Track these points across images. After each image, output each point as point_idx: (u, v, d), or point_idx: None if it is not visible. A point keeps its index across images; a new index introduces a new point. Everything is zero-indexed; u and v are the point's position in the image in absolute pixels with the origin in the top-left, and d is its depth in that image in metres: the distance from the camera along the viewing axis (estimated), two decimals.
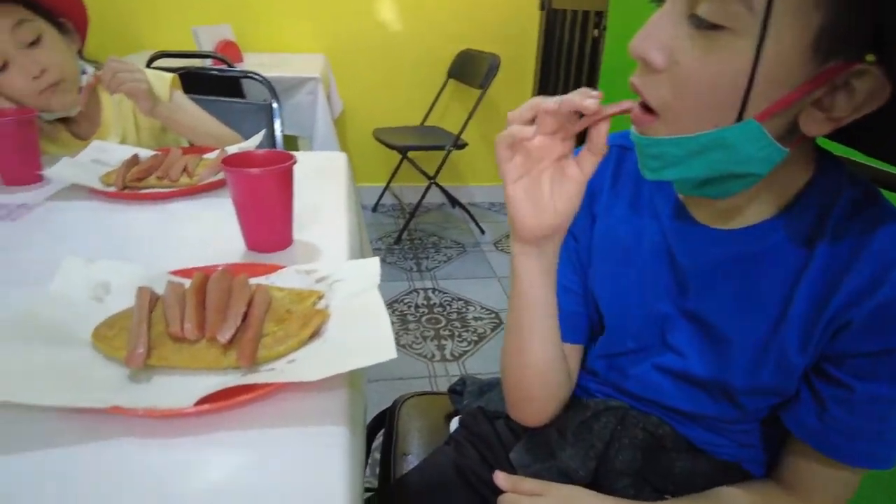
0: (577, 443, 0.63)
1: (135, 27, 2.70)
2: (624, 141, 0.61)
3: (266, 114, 1.53)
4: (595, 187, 0.63)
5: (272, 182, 0.70)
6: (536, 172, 0.51)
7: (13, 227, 0.81)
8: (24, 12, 0.99)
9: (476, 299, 2.23)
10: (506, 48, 2.70)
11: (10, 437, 0.43)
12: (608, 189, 0.63)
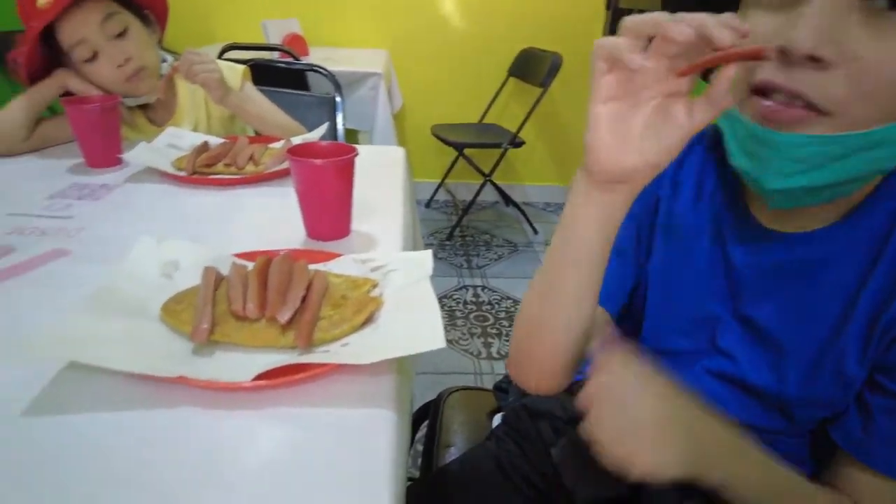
0: None
1: (209, 20, 2.82)
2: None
3: (329, 107, 1.57)
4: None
5: (334, 173, 0.72)
6: (633, 101, 0.43)
7: (95, 205, 0.86)
8: (114, 6, 1.05)
9: None
10: (568, 47, 2.67)
11: (84, 397, 0.47)
12: (670, 177, 0.61)
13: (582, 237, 0.49)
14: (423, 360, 1.79)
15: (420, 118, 2.99)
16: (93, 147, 1.00)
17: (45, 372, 0.49)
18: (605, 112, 0.43)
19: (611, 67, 0.42)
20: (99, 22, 1.03)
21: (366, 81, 2.32)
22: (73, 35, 1.02)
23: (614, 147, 0.44)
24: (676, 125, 0.42)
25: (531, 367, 0.60)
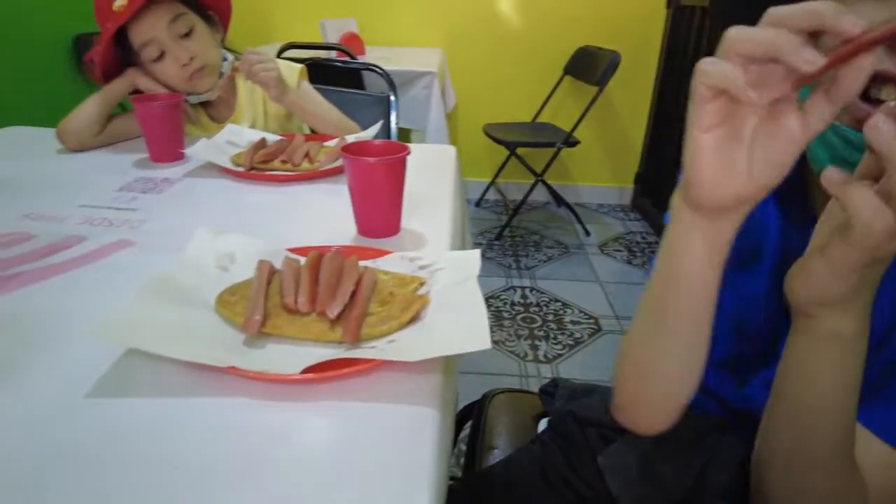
0: (675, 457, 0.60)
1: (269, 20, 2.91)
2: None
3: (384, 106, 1.58)
4: None
5: (386, 171, 0.73)
6: (739, 120, 0.38)
7: (157, 198, 0.90)
8: (181, 7, 1.10)
9: (575, 302, 2.18)
10: (627, 45, 2.61)
11: (142, 382, 0.49)
12: None
13: (691, 268, 0.46)
14: (467, 360, 1.79)
15: (473, 117, 2.99)
16: (157, 142, 1.05)
17: (108, 356, 0.51)
18: (708, 140, 0.39)
19: (716, 94, 0.37)
20: (167, 23, 1.07)
21: (420, 80, 2.33)
22: (143, 35, 1.07)
23: (720, 175, 0.39)
24: (789, 138, 0.36)
25: (642, 411, 0.56)
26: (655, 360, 0.51)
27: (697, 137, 0.39)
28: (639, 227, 2.90)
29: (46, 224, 0.78)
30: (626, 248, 2.67)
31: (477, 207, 3.09)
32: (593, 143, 3.04)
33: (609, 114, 2.96)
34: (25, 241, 0.73)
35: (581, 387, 0.87)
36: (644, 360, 0.53)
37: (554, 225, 2.91)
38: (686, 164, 0.41)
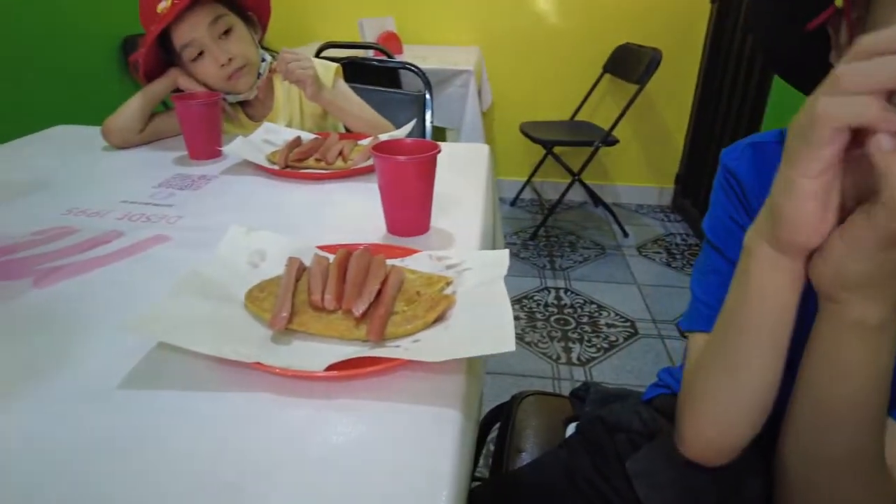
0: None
1: (307, 19, 2.95)
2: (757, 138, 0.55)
3: (419, 104, 1.58)
4: (750, 185, 0.58)
5: (415, 170, 0.72)
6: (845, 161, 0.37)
7: (194, 195, 0.92)
8: (221, 8, 1.12)
9: (611, 305, 2.14)
10: (668, 43, 2.55)
11: (171, 375, 0.50)
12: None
13: (773, 306, 0.46)
14: (499, 361, 1.78)
15: (509, 115, 2.97)
16: (195, 140, 1.07)
17: (141, 348, 0.53)
18: (813, 186, 0.38)
19: (839, 136, 0.35)
20: (207, 24, 1.09)
21: (456, 79, 2.33)
22: (185, 36, 1.09)
23: (818, 218, 0.39)
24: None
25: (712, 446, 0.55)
26: (732, 399, 0.51)
27: (803, 184, 0.38)
28: (679, 228, 2.83)
29: (88, 219, 0.81)
30: (666, 249, 2.61)
31: (512, 207, 3.07)
32: (633, 142, 2.98)
33: (649, 112, 2.90)
34: (68, 235, 0.76)
35: (613, 392, 0.85)
36: (719, 399, 0.52)
37: (591, 225, 2.87)
38: (780, 208, 0.40)
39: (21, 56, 1.99)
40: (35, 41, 2.05)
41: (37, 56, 2.07)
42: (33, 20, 2.05)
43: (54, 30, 2.15)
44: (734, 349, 0.50)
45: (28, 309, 0.60)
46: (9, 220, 0.80)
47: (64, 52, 2.20)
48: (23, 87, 2.00)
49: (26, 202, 0.87)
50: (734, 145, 0.62)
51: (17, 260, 0.69)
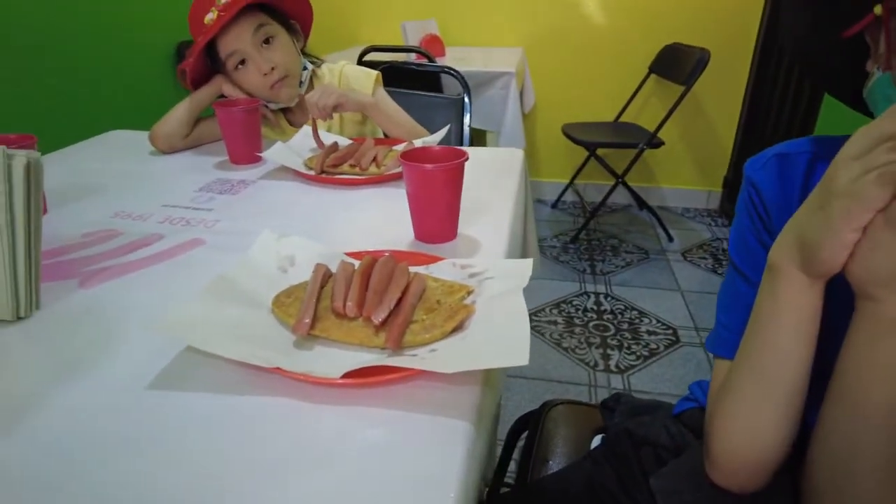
0: None
1: (351, 23, 2.99)
2: (815, 148, 0.53)
3: (457, 107, 1.59)
4: (774, 200, 0.56)
5: (442, 177, 0.73)
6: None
7: (233, 199, 0.95)
8: (264, 17, 1.15)
9: (653, 311, 2.10)
10: (718, 43, 2.48)
11: (198, 377, 0.52)
12: (796, 206, 0.55)
13: (806, 324, 0.47)
14: (534, 366, 1.77)
15: (552, 117, 2.94)
16: (235, 145, 1.11)
17: (172, 350, 0.55)
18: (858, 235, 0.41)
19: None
20: (250, 32, 1.13)
21: (497, 81, 2.32)
22: (229, 46, 1.13)
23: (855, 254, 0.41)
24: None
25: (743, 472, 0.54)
26: (764, 415, 0.51)
27: (847, 237, 0.40)
28: (727, 233, 2.74)
29: (132, 222, 0.85)
30: (712, 255, 2.53)
31: (553, 209, 3.03)
32: (679, 144, 2.91)
33: (697, 114, 2.82)
34: (113, 238, 0.80)
35: (644, 403, 0.83)
36: (750, 416, 0.52)
37: (634, 229, 2.81)
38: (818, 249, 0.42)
39: (81, 64, 2.10)
40: (94, 49, 2.16)
41: (96, 63, 2.17)
42: (93, 29, 2.15)
43: (112, 38, 2.26)
44: (764, 368, 0.50)
45: (73, 308, 0.64)
46: (61, 223, 0.85)
47: (121, 59, 2.31)
48: (82, 92, 2.11)
49: (78, 205, 0.92)
50: (760, 155, 0.60)
51: (66, 261, 0.73)
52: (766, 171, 0.59)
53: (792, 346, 0.48)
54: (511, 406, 1.63)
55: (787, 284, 0.47)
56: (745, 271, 0.60)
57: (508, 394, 1.68)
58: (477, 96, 2.32)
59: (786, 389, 0.49)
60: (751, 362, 0.51)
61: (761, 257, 0.50)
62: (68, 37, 2.03)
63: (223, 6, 1.10)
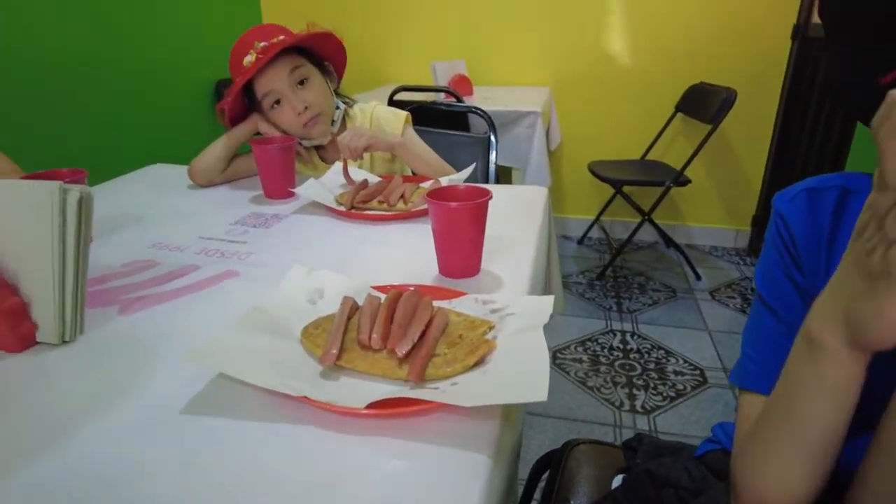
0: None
1: (382, 63, 3.09)
2: (846, 182, 0.53)
3: (484, 145, 1.63)
4: (802, 234, 0.57)
5: (466, 215, 0.75)
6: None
7: (266, 232, 0.99)
8: (300, 60, 1.21)
9: (680, 351, 2.07)
10: (745, 82, 2.49)
11: (230, 403, 0.54)
12: (825, 241, 0.55)
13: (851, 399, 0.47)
14: (558, 404, 1.75)
15: (578, 154, 2.97)
16: (270, 181, 1.15)
17: (205, 376, 0.57)
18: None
19: None
20: (286, 73, 1.19)
21: (524, 119, 2.36)
22: (266, 86, 1.19)
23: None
24: None
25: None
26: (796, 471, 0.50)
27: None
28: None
29: (170, 253, 0.89)
30: (741, 294, 2.49)
31: (579, 245, 3.03)
32: (707, 182, 2.90)
33: (724, 152, 2.81)
34: (150, 268, 0.83)
35: (667, 444, 0.82)
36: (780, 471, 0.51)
37: (661, 266, 2.79)
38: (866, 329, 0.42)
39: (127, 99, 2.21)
40: (139, 86, 2.28)
41: (141, 99, 2.29)
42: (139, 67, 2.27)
43: (156, 76, 2.38)
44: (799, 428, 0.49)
45: (113, 335, 0.67)
46: (103, 253, 0.89)
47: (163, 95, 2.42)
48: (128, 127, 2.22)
49: (120, 236, 0.97)
50: (789, 189, 0.60)
51: (107, 289, 0.77)
52: (795, 205, 0.58)
53: (831, 414, 0.47)
54: (534, 445, 1.61)
55: (833, 358, 0.46)
56: (772, 305, 0.59)
57: (531, 432, 1.66)
58: (503, 134, 2.36)
59: (821, 447, 0.48)
60: (785, 421, 0.51)
61: (789, 291, 0.50)
62: (116, 75, 2.15)
63: (261, 49, 1.16)
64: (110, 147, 2.12)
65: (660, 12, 2.69)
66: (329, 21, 1.35)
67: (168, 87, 2.45)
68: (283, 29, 1.21)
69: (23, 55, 1.77)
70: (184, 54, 2.52)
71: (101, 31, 2.06)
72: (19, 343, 0.63)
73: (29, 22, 1.78)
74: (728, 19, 2.62)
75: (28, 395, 0.57)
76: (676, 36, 2.70)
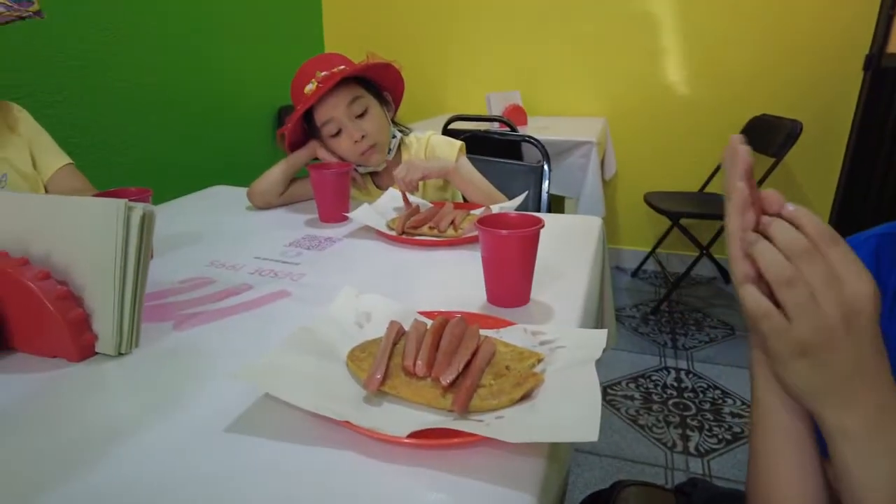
0: None
1: (441, 93, 3.14)
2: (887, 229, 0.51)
3: (536, 175, 1.62)
4: None
5: (517, 244, 0.74)
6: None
7: (319, 255, 1.00)
8: (359, 90, 1.24)
9: (738, 392, 1.96)
10: (811, 114, 2.41)
11: (274, 424, 0.54)
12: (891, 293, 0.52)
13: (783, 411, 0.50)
14: (607, 442, 1.68)
15: (634, 184, 2.91)
16: (325, 205, 1.18)
17: (252, 395, 0.58)
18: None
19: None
20: (346, 104, 1.22)
21: (578, 149, 2.34)
22: (325, 115, 1.23)
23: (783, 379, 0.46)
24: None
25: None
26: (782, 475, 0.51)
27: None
28: None
29: (225, 272, 0.91)
30: None
31: (633, 277, 2.95)
32: None
33: (788, 187, 2.70)
34: (206, 285, 0.86)
35: (722, 492, 0.78)
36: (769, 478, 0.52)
37: (720, 303, 2.68)
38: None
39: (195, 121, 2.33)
40: (207, 110, 2.39)
41: (207, 123, 2.40)
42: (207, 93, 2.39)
43: (224, 100, 2.49)
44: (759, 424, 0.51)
45: (166, 349, 0.69)
46: (163, 269, 0.93)
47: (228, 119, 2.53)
48: (194, 149, 2.32)
49: (179, 253, 1.01)
50: (859, 234, 0.57)
51: (164, 305, 0.80)
52: (862, 250, 0.56)
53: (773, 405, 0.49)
54: (580, 483, 1.55)
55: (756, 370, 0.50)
56: None
57: (578, 470, 1.60)
58: (557, 164, 2.34)
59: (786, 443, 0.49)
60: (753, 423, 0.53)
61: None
62: (186, 100, 2.27)
63: (322, 78, 1.19)
64: (178, 168, 2.23)
65: (721, 42, 2.64)
66: (389, 51, 1.39)
67: (234, 112, 2.56)
68: (343, 58, 1.25)
69: (104, 81, 1.89)
70: (250, 81, 2.64)
71: (174, 57, 2.19)
72: (79, 353, 0.65)
73: (108, 49, 1.91)
74: (794, 48, 2.54)
75: (81, 404, 0.59)
76: (738, 65, 2.64)
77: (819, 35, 2.50)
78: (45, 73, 1.70)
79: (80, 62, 1.81)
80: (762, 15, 2.55)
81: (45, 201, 0.68)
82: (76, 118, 1.81)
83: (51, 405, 0.58)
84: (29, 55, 1.65)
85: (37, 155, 1.19)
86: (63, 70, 1.76)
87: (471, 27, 2.98)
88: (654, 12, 2.70)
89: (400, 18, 3.08)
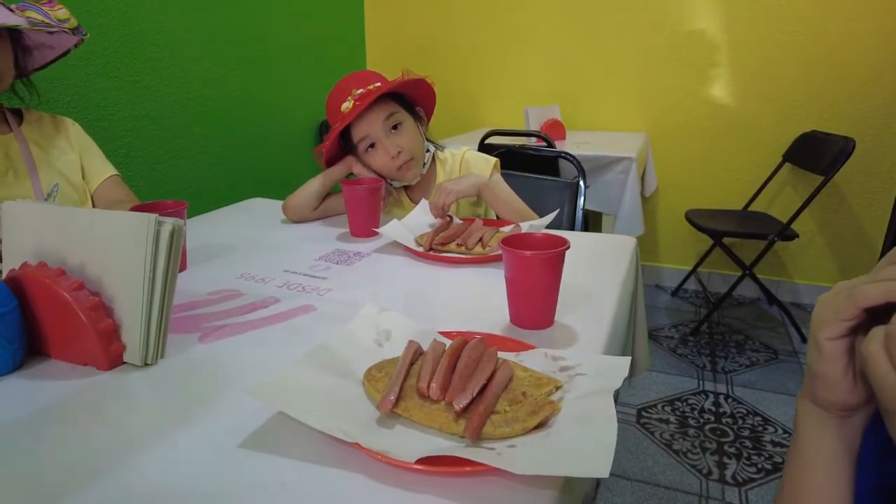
0: None
1: (478, 107, 3.14)
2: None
3: (572, 191, 1.60)
4: None
5: (540, 265, 0.73)
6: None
7: (347, 269, 1.01)
8: (394, 106, 1.26)
9: (779, 419, 1.88)
10: (864, 131, 2.31)
11: (287, 442, 0.54)
12: None
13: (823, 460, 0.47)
14: (640, 466, 1.63)
15: (675, 202, 2.84)
16: (357, 220, 1.19)
17: (268, 411, 0.58)
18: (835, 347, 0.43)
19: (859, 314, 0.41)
20: (382, 119, 1.23)
21: (617, 165, 2.31)
22: (362, 131, 1.24)
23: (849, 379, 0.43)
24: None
25: None
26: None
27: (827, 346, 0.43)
28: None
29: (254, 284, 0.93)
30: None
31: (673, 297, 2.88)
32: (818, 237, 2.67)
33: (839, 207, 2.59)
34: (235, 297, 0.87)
35: None
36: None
37: (763, 325, 2.58)
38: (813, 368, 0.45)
39: (237, 134, 2.39)
40: (248, 124, 2.46)
41: (248, 137, 2.47)
42: (248, 107, 2.46)
43: (267, 115, 2.56)
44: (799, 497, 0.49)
45: (190, 361, 0.70)
46: (194, 280, 0.95)
47: (271, 134, 2.60)
48: (234, 161, 2.39)
49: (212, 264, 1.03)
50: None
51: (191, 316, 0.81)
52: None
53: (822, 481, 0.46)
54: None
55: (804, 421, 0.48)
56: None
57: (609, 494, 1.56)
58: (595, 179, 2.31)
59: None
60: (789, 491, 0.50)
61: None
62: (227, 113, 2.33)
63: (358, 96, 1.21)
64: (219, 179, 2.29)
65: (769, 57, 2.56)
66: (429, 67, 1.40)
67: (277, 126, 2.62)
68: (378, 75, 1.27)
69: (153, 95, 1.97)
70: (294, 96, 2.70)
71: (222, 72, 2.26)
72: (108, 362, 0.67)
73: (158, 65, 1.99)
74: (846, 64, 2.45)
75: (107, 413, 0.60)
76: (786, 82, 2.56)
77: (872, 52, 2.40)
78: (100, 88, 1.78)
79: (133, 78, 1.89)
80: (815, 30, 2.47)
81: (81, 214, 0.71)
82: (125, 130, 1.88)
83: (78, 412, 0.60)
84: (83, 71, 1.73)
85: (86, 166, 1.24)
86: (115, 84, 1.84)
87: (511, 41, 2.98)
88: (700, 28, 2.64)
89: (442, 34, 3.11)
